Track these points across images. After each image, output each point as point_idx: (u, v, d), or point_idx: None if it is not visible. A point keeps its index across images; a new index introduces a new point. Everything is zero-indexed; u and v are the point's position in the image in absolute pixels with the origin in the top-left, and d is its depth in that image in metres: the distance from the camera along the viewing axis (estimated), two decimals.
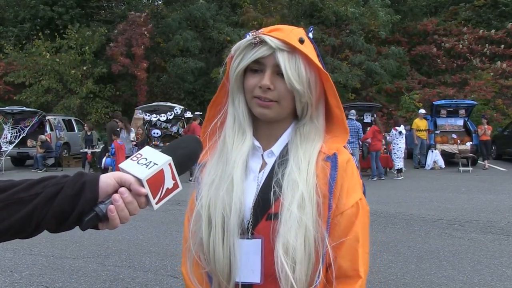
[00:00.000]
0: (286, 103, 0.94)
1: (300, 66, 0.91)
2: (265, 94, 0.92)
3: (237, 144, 0.97)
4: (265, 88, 0.92)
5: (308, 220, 0.88)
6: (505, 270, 4.10)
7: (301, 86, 0.91)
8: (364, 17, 19.30)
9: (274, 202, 0.91)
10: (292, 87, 0.91)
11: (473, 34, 20.78)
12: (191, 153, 0.84)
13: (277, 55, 0.90)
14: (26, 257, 4.66)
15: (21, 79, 20.22)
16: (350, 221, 0.92)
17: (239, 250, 0.91)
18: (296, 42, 0.91)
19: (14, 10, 22.85)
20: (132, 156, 0.77)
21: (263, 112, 0.94)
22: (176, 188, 0.78)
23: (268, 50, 0.91)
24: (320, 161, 0.94)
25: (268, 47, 0.91)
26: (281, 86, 0.92)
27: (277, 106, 0.94)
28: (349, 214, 0.92)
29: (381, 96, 20.33)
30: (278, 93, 0.93)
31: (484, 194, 8.19)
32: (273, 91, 0.92)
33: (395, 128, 11.23)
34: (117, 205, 0.71)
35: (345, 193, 0.93)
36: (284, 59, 0.90)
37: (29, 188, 0.70)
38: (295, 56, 0.91)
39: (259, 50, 0.91)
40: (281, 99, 0.94)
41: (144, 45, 19.83)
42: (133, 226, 5.88)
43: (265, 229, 0.92)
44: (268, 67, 0.92)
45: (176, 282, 3.90)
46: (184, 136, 0.91)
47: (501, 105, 18.38)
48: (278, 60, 0.90)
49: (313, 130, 0.97)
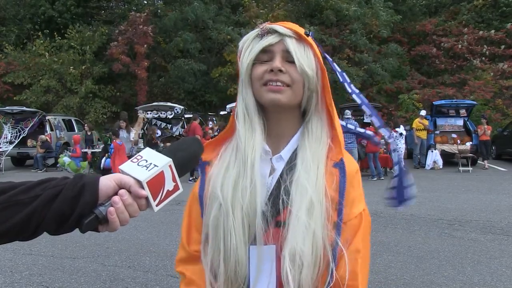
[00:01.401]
0: (297, 89, 0.93)
1: (310, 53, 0.93)
2: (276, 76, 0.91)
3: (249, 142, 0.94)
4: (276, 70, 0.90)
5: (316, 225, 0.87)
6: (505, 270, 4.10)
7: (311, 71, 0.93)
8: (365, 17, 19.30)
9: (283, 210, 0.91)
10: (303, 71, 0.91)
11: (473, 35, 20.77)
12: (192, 154, 0.83)
13: (286, 40, 0.91)
14: (26, 257, 4.66)
15: (20, 80, 20.23)
16: (353, 230, 0.92)
17: (255, 256, 0.91)
18: (301, 30, 0.94)
19: (15, 9, 22.84)
20: (132, 157, 0.77)
21: (275, 97, 0.91)
22: (177, 190, 0.77)
23: (277, 37, 0.92)
24: (329, 166, 0.94)
25: (276, 34, 0.92)
26: (292, 71, 0.92)
27: (289, 91, 0.92)
28: (353, 224, 0.92)
29: (381, 96, 20.32)
30: (290, 77, 0.92)
31: (484, 194, 8.19)
32: (285, 73, 0.91)
33: (395, 130, 11.22)
34: (117, 207, 0.71)
35: (350, 203, 0.93)
36: (293, 45, 0.91)
37: (29, 190, 0.70)
38: (303, 44, 0.93)
39: (267, 38, 0.92)
40: (293, 83, 0.92)
41: (148, 44, 19.83)
42: (133, 226, 5.88)
43: (274, 237, 0.91)
44: (277, 53, 0.92)
45: (176, 282, 3.89)
46: (185, 137, 0.91)
47: (501, 105, 18.38)
48: (287, 45, 0.91)
49: (319, 126, 0.97)
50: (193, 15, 19.69)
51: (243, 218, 0.90)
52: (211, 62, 21.22)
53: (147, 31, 19.66)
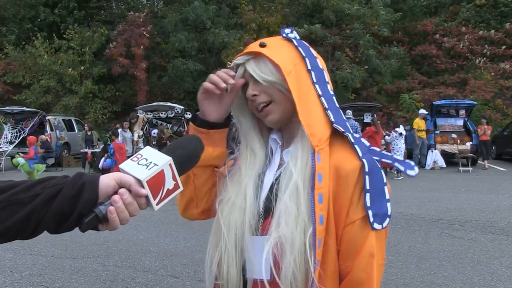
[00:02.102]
0: (280, 99, 0.98)
1: (268, 63, 0.98)
2: (256, 102, 0.99)
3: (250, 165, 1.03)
4: (250, 97, 1.00)
5: (299, 210, 0.89)
6: (505, 270, 4.10)
7: (276, 76, 0.97)
8: (365, 16, 19.30)
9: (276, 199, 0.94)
10: (266, 81, 0.97)
11: (473, 35, 20.77)
12: (192, 153, 0.83)
13: (247, 66, 1.00)
14: (26, 257, 4.66)
15: (19, 79, 20.23)
16: (363, 231, 0.90)
17: (251, 246, 0.94)
18: (257, 48, 0.99)
19: (15, 9, 22.83)
20: (132, 156, 0.76)
21: (268, 119, 1.01)
22: (177, 188, 0.77)
23: (241, 67, 1.01)
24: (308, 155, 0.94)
25: (241, 65, 1.01)
26: (265, 87, 0.98)
27: (275, 106, 0.99)
28: (360, 224, 0.90)
29: (381, 96, 20.32)
30: (265, 94, 0.98)
31: (484, 194, 8.19)
32: (259, 95, 0.99)
33: (395, 130, 11.21)
34: (117, 206, 0.71)
35: (356, 202, 0.91)
36: (251, 66, 0.99)
37: (29, 189, 0.70)
38: (260, 59, 0.99)
39: (238, 72, 1.02)
40: (272, 97, 0.98)
41: (144, 46, 19.82)
42: (133, 226, 5.88)
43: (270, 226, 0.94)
44: (249, 79, 1.00)
45: (176, 282, 3.90)
46: (184, 136, 0.92)
47: (501, 105, 18.37)
48: (249, 70, 0.99)
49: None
50: (193, 15, 19.70)
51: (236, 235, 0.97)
52: (211, 62, 21.22)
53: (143, 33, 19.63)
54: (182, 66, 19.71)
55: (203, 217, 1.11)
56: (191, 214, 1.10)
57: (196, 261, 4.40)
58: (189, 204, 1.09)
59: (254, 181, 1.00)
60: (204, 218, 1.11)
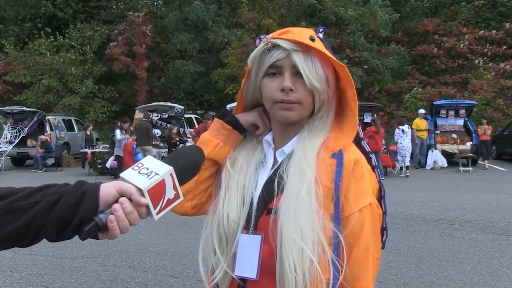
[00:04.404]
0: (307, 104, 0.95)
1: (317, 64, 0.92)
2: (288, 96, 0.93)
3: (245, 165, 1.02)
4: (287, 89, 0.92)
5: (312, 208, 0.88)
6: (505, 270, 4.10)
7: (320, 84, 0.93)
8: (364, 17, 19.28)
9: (276, 197, 0.92)
10: (312, 86, 0.92)
11: (473, 34, 20.74)
12: (193, 163, 0.83)
13: (293, 56, 0.91)
14: (26, 257, 4.66)
15: (21, 79, 20.20)
16: (357, 226, 0.90)
17: (240, 244, 0.94)
18: (308, 41, 0.92)
19: (15, 9, 22.81)
20: (134, 165, 0.76)
21: (286, 115, 0.95)
22: (177, 198, 0.77)
23: (283, 53, 0.92)
24: (326, 157, 0.93)
25: (282, 49, 0.92)
26: (301, 87, 0.93)
27: (300, 107, 0.95)
28: (356, 218, 0.90)
29: (382, 96, 20.31)
30: (300, 94, 0.93)
31: (484, 194, 8.19)
32: (295, 92, 0.93)
33: (398, 127, 11.24)
34: (117, 215, 0.71)
35: (352, 196, 0.90)
36: (300, 60, 0.91)
37: (29, 196, 0.70)
38: (310, 55, 0.92)
39: (274, 54, 0.93)
40: (303, 100, 0.94)
41: (146, 44, 19.82)
42: (133, 226, 5.88)
43: (264, 224, 0.92)
44: (286, 68, 0.93)
45: (176, 282, 3.90)
46: (186, 146, 0.93)
47: (502, 105, 18.36)
48: (294, 61, 0.91)
49: (320, 125, 0.99)
50: (194, 15, 19.69)
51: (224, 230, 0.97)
52: (211, 62, 21.22)
53: (146, 31, 19.61)
54: (183, 67, 19.72)
55: (194, 211, 1.08)
56: (184, 206, 1.06)
57: (196, 261, 4.34)
58: (186, 195, 1.06)
59: (249, 180, 0.99)
60: (194, 213, 1.08)
